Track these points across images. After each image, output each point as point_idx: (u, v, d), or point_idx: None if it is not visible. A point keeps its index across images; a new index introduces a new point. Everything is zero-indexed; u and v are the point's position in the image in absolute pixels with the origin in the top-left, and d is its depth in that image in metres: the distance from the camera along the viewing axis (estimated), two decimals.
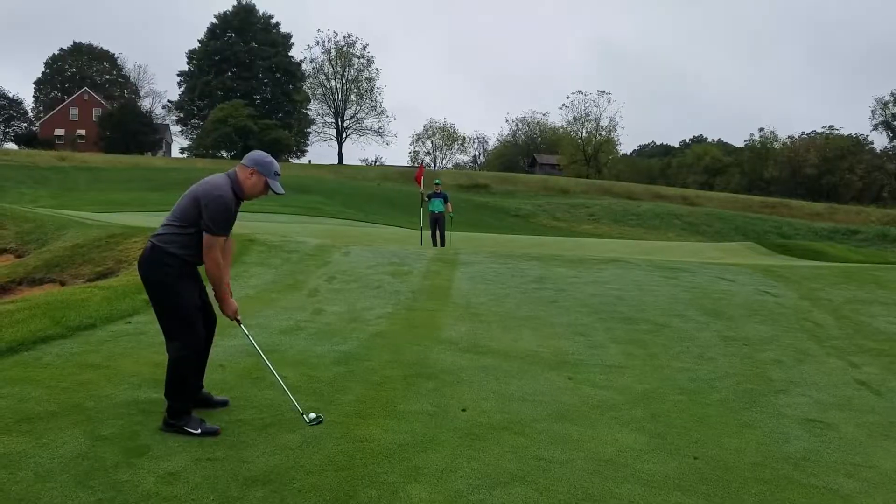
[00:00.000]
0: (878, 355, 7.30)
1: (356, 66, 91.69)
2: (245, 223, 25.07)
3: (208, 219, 4.10)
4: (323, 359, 5.87)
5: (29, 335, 5.70)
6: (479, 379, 5.67)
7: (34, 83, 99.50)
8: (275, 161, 4.40)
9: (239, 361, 5.63)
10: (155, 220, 23.59)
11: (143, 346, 5.92)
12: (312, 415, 4.47)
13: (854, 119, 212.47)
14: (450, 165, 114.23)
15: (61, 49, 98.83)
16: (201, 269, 4.32)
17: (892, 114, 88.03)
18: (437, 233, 19.26)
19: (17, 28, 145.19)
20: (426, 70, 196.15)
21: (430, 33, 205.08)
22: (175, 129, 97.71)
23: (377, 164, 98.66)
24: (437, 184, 19.92)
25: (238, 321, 4.52)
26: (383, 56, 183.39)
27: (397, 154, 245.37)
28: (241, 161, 4.38)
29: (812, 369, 6.67)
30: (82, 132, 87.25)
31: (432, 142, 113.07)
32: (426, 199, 19.50)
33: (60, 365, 5.22)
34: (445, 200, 19.43)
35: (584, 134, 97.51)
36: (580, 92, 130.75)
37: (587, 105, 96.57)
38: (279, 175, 4.38)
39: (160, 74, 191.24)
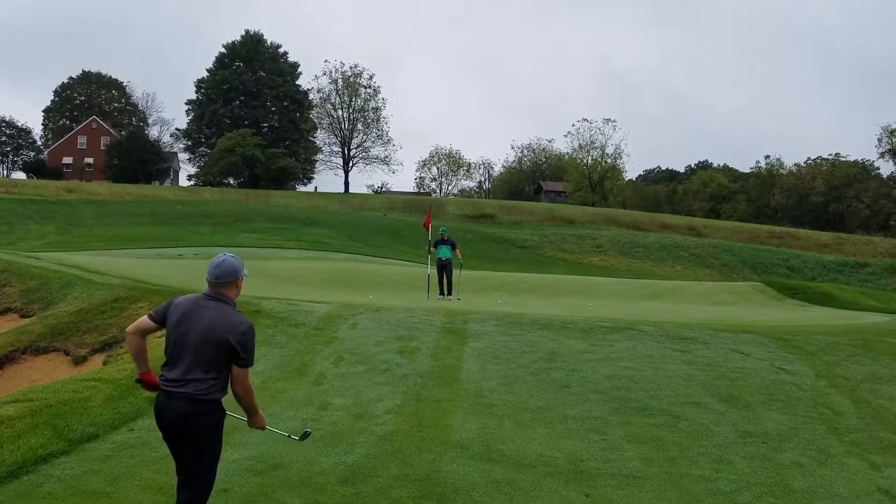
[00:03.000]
0: None
1: (363, 95, 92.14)
2: (254, 262, 25.01)
3: (250, 355, 4.21)
4: (329, 476, 5.69)
5: (30, 454, 5.55)
6: (492, 500, 5.48)
7: (43, 111, 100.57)
8: (228, 257, 4.46)
9: (243, 483, 5.46)
10: (163, 262, 23.50)
11: (145, 462, 5.76)
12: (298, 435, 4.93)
13: (860, 145, 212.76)
14: (455, 191, 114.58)
15: (70, 77, 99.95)
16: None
17: None
18: (444, 280, 19.16)
19: (26, 56, 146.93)
20: (433, 96, 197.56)
21: (437, 60, 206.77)
22: (183, 156, 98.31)
23: (383, 190, 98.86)
24: (442, 231, 19.84)
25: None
26: (390, 83, 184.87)
27: (403, 180, 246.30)
28: (218, 275, 4.32)
29: (833, 474, 6.47)
30: (90, 160, 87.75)
31: (438, 168, 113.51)
32: (433, 247, 19.41)
33: (60, 494, 5.07)
34: (453, 247, 19.35)
35: (589, 161, 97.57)
36: (585, 120, 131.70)
37: (592, 133, 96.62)
38: None
39: (168, 102, 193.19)
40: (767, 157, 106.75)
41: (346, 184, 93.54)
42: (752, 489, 6.06)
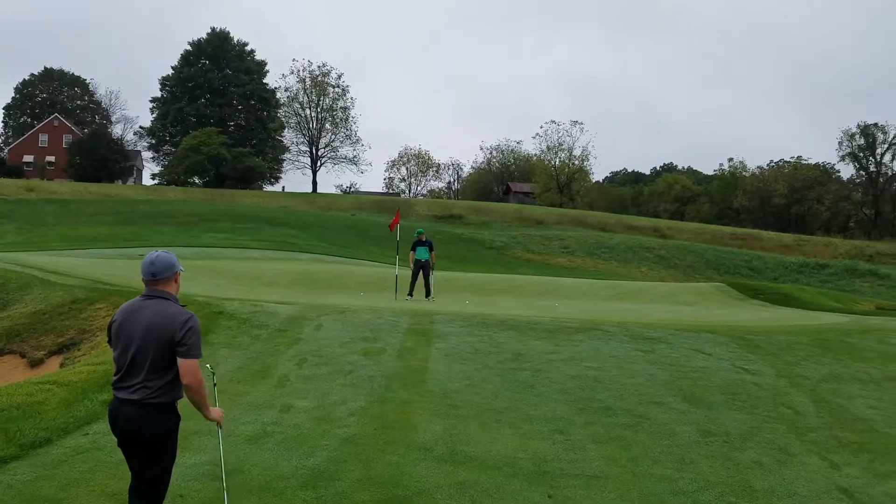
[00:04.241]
0: (858, 451, 7.21)
1: (331, 95, 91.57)
2: (219, 263, 24.71)
3: (194, 345, 4.01)
4: (289, 481, 5.59)
5: None
6: (455, 503, 5.44)
7: (3, 108, 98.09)
8: (161, 253, 4.26)
9: (200, 489, 5.34)
10: (124, 262, 23.07)
11: (99, 467, 5.61)
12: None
13: (821, 149, 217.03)
14: (424, 192, 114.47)
15: (32, 74, 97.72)
16: None
17: (859, 146, 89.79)
18: (423, 280, 19.21)
19: None
20: (403, 96, 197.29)
21: (406, 61, 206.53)
22: (146, 155, 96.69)
23: (352, 190, 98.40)
24: (420, 233, 19.94)
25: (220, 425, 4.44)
26: (359, 83, 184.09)
27: (372, 180, 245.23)
28: (154, 273, 4.12)
29: (793, 473, 6.55)
30: (52, 159, 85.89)
31: (407, 168, 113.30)
32: (412, 250, 19.43)
33: (11, 501, 4.91)
34: (430, 249, 19.45)
35: (557, 163, 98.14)
36: (553, 122, 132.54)
37: (560, 134, 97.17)
38: None
39: (132, 100, 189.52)
40: (731, 159, 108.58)
41: (314, 184, 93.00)
42: (714, 488, 6.10)
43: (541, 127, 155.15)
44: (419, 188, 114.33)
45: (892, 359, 10.95)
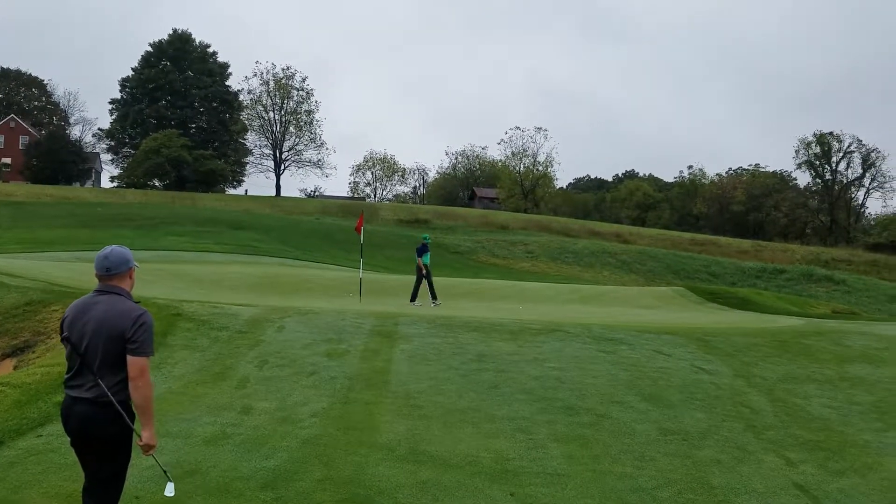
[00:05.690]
0: (814, 449, 7.36)
1: (295, 98, 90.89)
2: (180, 266, 24.34)
3: (145, 342, 3.89)
4: (248, 482, 5.52)
5: None
6: (417, 501, 5.42)
7: None
8: (115, 247, 4.14)
9: (157, 490, 5.23)
10: (81, 265, 22.60)
11: (52, 468, 5.48)
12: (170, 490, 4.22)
13: (778, 157, 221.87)
14: (390, 196, 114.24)
15: None
16: None
17: (815, 154, 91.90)
18: (418, 283, 19.51)
19: None
20: (368, 101, 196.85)
21: (372, 65, 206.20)
22: (105, 157, 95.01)
23: (316, 194, 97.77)
24: (426, 239, 20.26)
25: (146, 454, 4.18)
26: (325, 86, 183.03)
27: (337, 184, 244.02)
28: (108, 267, 4.01)
29: (750, 471, 6.66)
30: (8, 160, 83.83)
31: (372, 173, 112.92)
32: (420, 255, 19.64)
33: None
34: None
35: (521, 168, 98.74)
36: (518, 128, 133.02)
37: (525, 141, 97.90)
38: None
39: (91, 101, 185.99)
40: (690, 167, 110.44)
41: (278, 187, 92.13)
42: (673, 486, 6.18)
43: (506, 133, 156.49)
44: (385, 193, 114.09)
45: (846, 360, 11.21)
